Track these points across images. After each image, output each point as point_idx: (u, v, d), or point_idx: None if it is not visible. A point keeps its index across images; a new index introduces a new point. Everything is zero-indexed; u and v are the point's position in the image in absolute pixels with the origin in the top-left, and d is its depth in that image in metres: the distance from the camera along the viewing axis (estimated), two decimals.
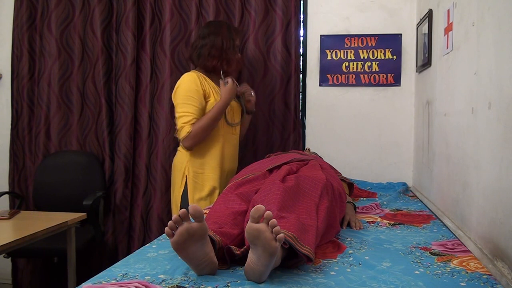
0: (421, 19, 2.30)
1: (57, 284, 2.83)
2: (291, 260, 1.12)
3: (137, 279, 1.06)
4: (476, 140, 1.38)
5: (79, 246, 2.41)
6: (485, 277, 1.06)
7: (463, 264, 1.17)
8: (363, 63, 2.58)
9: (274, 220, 0.98)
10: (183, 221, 1.03)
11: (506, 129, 1.13)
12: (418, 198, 2.18)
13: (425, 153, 2.18)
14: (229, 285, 1.01)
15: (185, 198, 2.13)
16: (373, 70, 2.57)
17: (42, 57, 2.86)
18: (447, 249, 1.31)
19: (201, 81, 2.10)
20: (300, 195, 1.32)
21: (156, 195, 2.72)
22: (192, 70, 2.24)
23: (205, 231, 1.05)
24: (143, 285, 1.01)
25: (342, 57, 2.60)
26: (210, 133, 2.10)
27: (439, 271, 1.11)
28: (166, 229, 1.03)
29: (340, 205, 1.50)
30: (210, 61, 2.15)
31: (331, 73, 2.61)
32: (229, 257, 1.13)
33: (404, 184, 2.46)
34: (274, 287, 1.01)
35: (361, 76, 2.58)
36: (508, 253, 1.10)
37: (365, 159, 2.61)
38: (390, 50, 2.56)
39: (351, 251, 1.29)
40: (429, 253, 1.27)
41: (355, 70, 2.59)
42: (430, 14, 2.08)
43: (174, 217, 1.03)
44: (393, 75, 2.56)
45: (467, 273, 1.10)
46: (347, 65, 2.59)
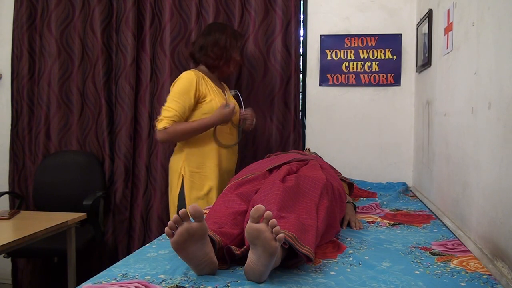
0: (421, 19, 2.30)
1: (57, 284, 2.83)
2: (291, 260, 1.12)
3: (137, 279, 1.06)
4: (476, 140, 1.38)
5: (79, 246, 2.41)
6: (485, 277, 1.06)
7: (463, 264, 1.17)
8: (363, 63, 2.58)
9: (274, 220, 0.98)
10: (183, 221, 1.03)
11: (506, 129, 1.13)
12: (418, 198, 2.18)
13: (425, 153, 2.18)
14: (229, 285, 1.01)
15: (182, 197, 2.14)
16: (373, 70, 2.57)
17: (42, 57, 2.86)
18: (447, 249, 1.31)
19: (199, 81, 2.10)
20: (300, 195, 1.32)
21: (156, 195, 2.72)
22: (192, 68, 2.24)
23: (205, 231, 1.05)
24: (143, 285, 1.01)
25: (342, 57, 2.60)
26: (186, 139, 2.12)
27: (439, 271, 1.11)
28: (166, 229, 1.03)
29: (340, 205, 1.50)
30: (211, 58, 2.16)
31: (331, 73, 2.61)
32: (229, 257, 1.13)
33: (404, 184, 2.46)
34: (274, 287, 1.01)
35: (361, 76, 2.58)
36: (508, 253, 1.10)
37: (365, 159, 2.61)
38: (390, 50, 2.56)
39: (351, 251, 1.29)
40: (429, 253, 1.27)
41: (355, 70, 2.59)
42: (430, 14, 2.08)
43: (174, 217, 1.03)
44: (393, 75, 2.56)
45: (467, 273, 1.10)
46: (347, 65, 2.59)
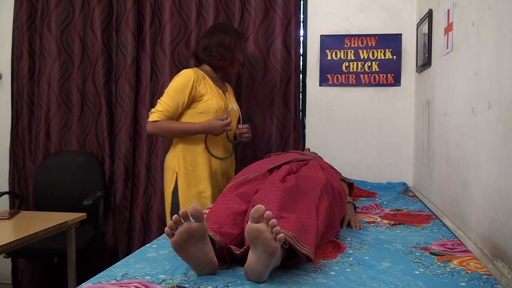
0: (421, 19, 2.30)
1: (57, 284, 2.83)
2: (291, 260, 1.12)
3: (137, 279, 1.06)
4: (476, 140, 1.38)
5: (79, 246, 2.41)
6: (485, 277, 1.06)
7: (463, 264, 1.17)
8: (363, 63, 2.58)
9: (274, 220, 0.98)
10: (183, 221, 1.03)
11: (506, 129, 1.13)
12: (418, 198, 2.17)
13: (425, 153, 2.18)
14: (229, 285, 1.01)
15: (176, 194, 2.15)
16: (373, 70, 2.57)
17: (42, 57, 2.86)
18: (447, 249, 1.31)
19: (197, 80, 2.10)
20: (300, 195, 1.32)
21: (156, 195, 2.72)
22: (194, 67, 2.24)
23: (205, 231, 1.05)
24: (143, 285, 1.01)
25: (342, 57, 2.60)
26: (173, 138, 2.18)
27: (439, 271, 1.11)
28: (166, 229, 1.03)
29: (340, 205, 1.50)
30: (216, 59, 2.17)
31: (331, 73, 2.61)
32: (229, 257, 1.13)
33: (404, 184, 2.46)
34: (274, 287, 1.01)
35: (361, 76, 2.58)
36: (508, 253, 1.10)
37: (365, 159, 2.61)
38: (390, 50, 2.56)
39: (351, 251, 1.29)
40: (429, 253, 1.27)
41: (355, 70, 2.59)
42: (430, 14, 2.08)
43: (174, 217, 1.03)
44: (393, 75, 2.56)
45: (467, 273, 1.10)
46: (347, 65, 2.59)
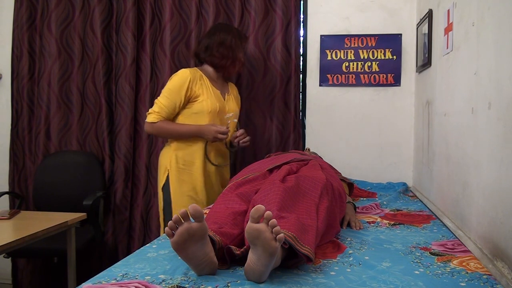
0: (421, 19, 2.30)
1: (57, 284, 2.83)
2: (291, 260, 1.12)
3: (137, 279, 1.06)
4: (476, 140, 1.38)
5: (79, 246, 2.41)
6: (485, 277, 1.06)
7: (463, 264, 1.17)
8: (363, 63, 2.58)
9: (274, 220, 0.98)
10: (183, 221, 1.03)
11: (506, 129, 1.13)
12: (418, 198, 2.17)
13: (425, 153, 2.18)
14: (229, 285, 1.01)
15: (167, 191, 2.16)
16: (373, 70, 2.57)
17: (42, 57, 2.86)
18: (447, 249, 1.31)
19: (194, 80, 2.11)
20: (300, 195, 1.32)
21: (156, 195, 2.72)
22: (194, 67, 2.25)
23: (205, 231, 1.05)
24: (143, 285, 1.01)
25: (342, 57, 2.60)
26: (171, 138, 2.17)
27: (439, 271, 1.11)
28: (166, 229, 1.03)
29: (340, 205, 1.50)
30: (217, 58, 2.18)
31: (331, 73, 2.61)
32: (229, 257, 1.13)
33: (404, 184, 2.46)
34: (274, 287, 1.01)
35: (361, 76, 2.58)
36: (508, 253, 1.10)
37: (365, 159, 2.61)
38: (390, 50, 2.56)
39: (351, 251, 1.29)
40: (429, 253, 1.27)
41: (355, 70, 2.59)
42: (430, 14, 2.08)
43: (174, 217, 1.03)
44: (393, 75, 2.56)
45: (467, 273, 1.10)
46: (347, 65, 2.59)
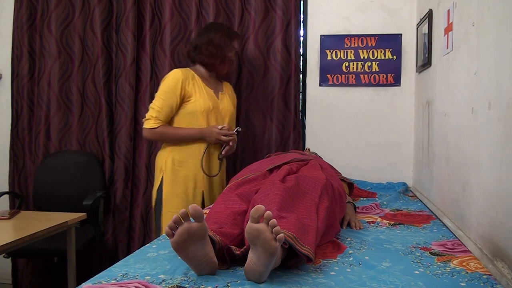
0: (421, 19, 2.30)
1: (57, 284, 2.83)
2: (291, 260, 1.12)
3: (137, 279, 1.06)
4: (476, 140, 1.38)
5: (79, 246, 2.41)
6: (485, 277, 1.06)
7: (463, 264, 1.17)
8: (363, 63, 2.58)
9: (274, 220, 0.98)
10: (183, 221, 1.03)
11: (506, 129, 1.13)
12: (418, 198, 2.17)
13: (425, 153, 2.18)
14: (229, 285, 1.01)
15: (160, 192, 2.17)
16: (373, 70, 2.57)
17: (42, 57, 2.86)
18: (447, 249, 1.31)
19: (186, 80, 2.13)
20: (300, 195, 1.32)
21: None
22: (188, 67, 2.26)
23: (205, 231, 1.05)
24: (143, 285, 1.01)
25: (342, 57, 2.60)
26: (171, 143, 2.17)
27: (439, 271, 1.11)
28: (166, 229, 1.03)
29: (340, 205, 1.50)
30: (206, 57, 2.20)
31: (331, 73, 2.61)
32: (229, 257, 1.13)
33: (404, 184, 2.46)
34: (274, 287, 1.01)
35: (361, 76, 2.58)
36: (508, 253, 1.10)
37: (365, 159, 2.61)
38: (390, 50, 2.56)
39: (351, 251, 1.29)
40: (429, 253, 1.27)
41: (355, 70, 2.59)
42: (430, 14, 2.08)
43: (174, 217, 1.03)
44: (393, 75, 2.56)
45: (467, 273, 1.10)
46: (347, 65, 2.59)
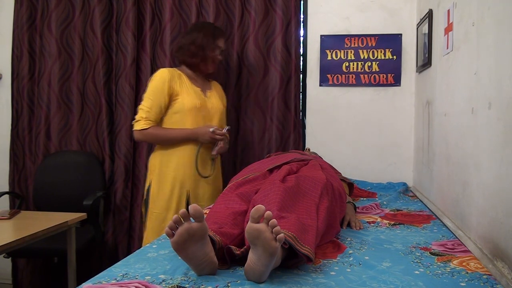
0: (421, 19, 2.30)
1: (57, 284, 2.82)
2: (291, 260, 1.12)
3: (137, 279, 1.06)
4: (476, 140, 1.38)
5: (79, 246, 2.41)
6: (485, 277, 1.06)
7: (463, 264, 1.17)
8: (363, 63, 2.58)
9: (274, 220, 0.98)
10: (183, 221, 1.03)
11: (506, 129, 1.13)
12: (418, 198, 2.17)
13: (425, 153, 2.18)
14: (229, 285, 1.01)
15: (148, 193, 2.20)
16: (373, 70, 2.57)
17: (42, 57, 2.86)
18: (447, 249, 1.31)
19: (172, 79, 2.14)
20: (300, 195, 1.32)
21: None
22: (175, 67, 2.29)
23: (205, 231, 1.05)
24: (143, 285, 1.01)
25: (342, 57, 2.60)
26: (163, 144, 2.18)
27: (439, 271, 1.11)
28: (166, 229, 1.03)
29: (340, 205, 1.50)
30: (188, 57, 2.21)
31: (331, 73, 2.61)
32: (229, 257, 1.13)
33: (404, 184, 2.46)
34: (274, 287, 1.01)
35: (361, 76, 2.58)
36: (508, 253, 1.10)
37: (365, 159, 2.61)
38: (390, 50, 2.56)
39: (351, 251, 1.29)
40: (429, 253, 1.27)
41: (355, 70, 2.59)
42: (430, 14, 2.08)
43: (174, 217, 1.03)
44: (393, 75, 2.56)
45: (467, 273, 1.10)
46: (347, 65, 2.59)
